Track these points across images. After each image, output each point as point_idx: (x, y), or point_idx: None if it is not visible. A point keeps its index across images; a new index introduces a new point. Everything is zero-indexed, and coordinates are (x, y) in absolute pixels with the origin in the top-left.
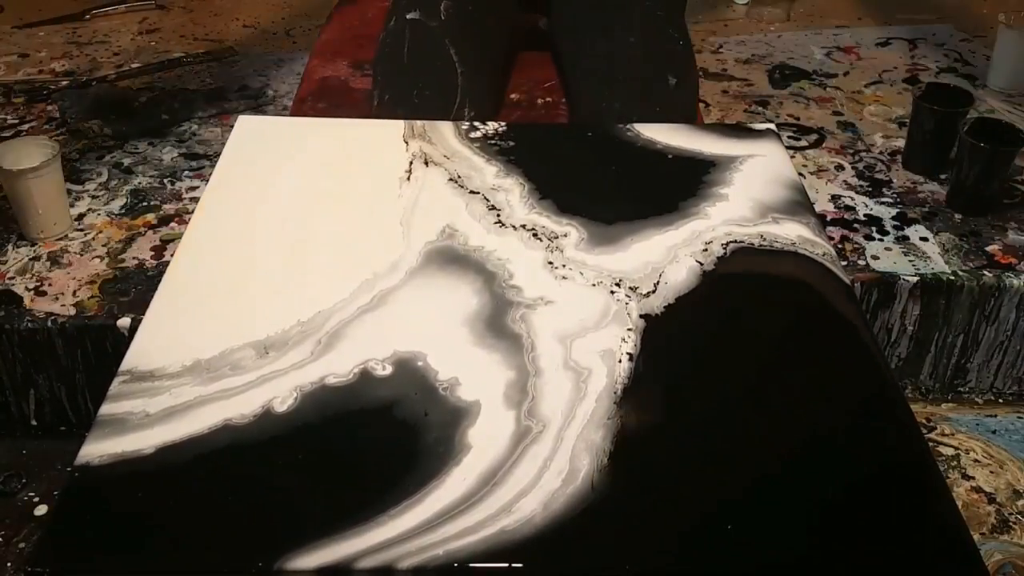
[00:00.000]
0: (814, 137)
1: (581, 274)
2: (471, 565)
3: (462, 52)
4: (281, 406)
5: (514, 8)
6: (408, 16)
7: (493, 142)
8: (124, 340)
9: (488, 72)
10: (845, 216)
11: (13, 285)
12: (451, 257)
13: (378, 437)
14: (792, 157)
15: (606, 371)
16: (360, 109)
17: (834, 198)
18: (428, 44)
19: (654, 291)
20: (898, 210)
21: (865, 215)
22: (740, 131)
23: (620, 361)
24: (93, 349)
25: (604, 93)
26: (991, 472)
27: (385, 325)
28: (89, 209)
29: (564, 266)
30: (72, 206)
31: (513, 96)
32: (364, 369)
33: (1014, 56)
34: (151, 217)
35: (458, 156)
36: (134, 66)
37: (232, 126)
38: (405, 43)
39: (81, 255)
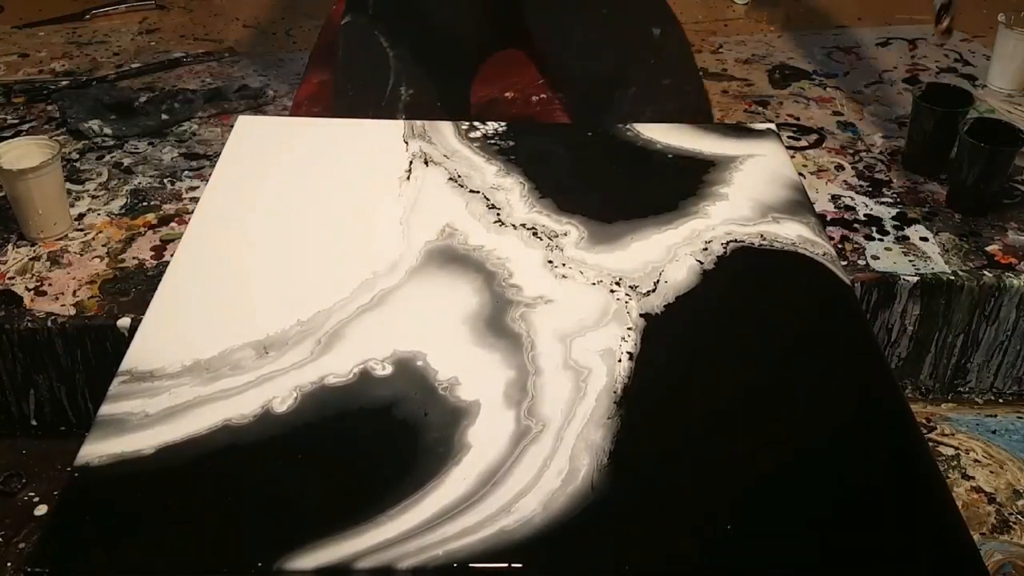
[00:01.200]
0: (814, 137)
1: (581, 273)
2: (471, 565)
3: (393, 36)
4: (281, 406)
5: None
6: (343, 22)
7: (493, 141)
8: (124, 340)
9: (427, 51)
10: (845, 216)
11: (13, 285)
12: (451, 256)
13: (378, 437)
14: (792, 157)
15: (606, 370)
16: None
17: (834, 198)
18: (359, 38)
19: (654, 290)
20: (898, 210)
21: (865, 215)
22: (740, 131)
23: (620, 360)
24: (93, 349)
25: (595, 67)
26: (991, 472)
27: (385, 325)
28: (89, 209)
29: (564, 265)
30: (72, 206)
31: (508, 95)
32: (364, 369)
33: (1014, 56)
34: (151, 217)
35: (458, 155)
36: (134, 66)
37: (232, 126)
38: (340, 46)
39: (81, 255)
